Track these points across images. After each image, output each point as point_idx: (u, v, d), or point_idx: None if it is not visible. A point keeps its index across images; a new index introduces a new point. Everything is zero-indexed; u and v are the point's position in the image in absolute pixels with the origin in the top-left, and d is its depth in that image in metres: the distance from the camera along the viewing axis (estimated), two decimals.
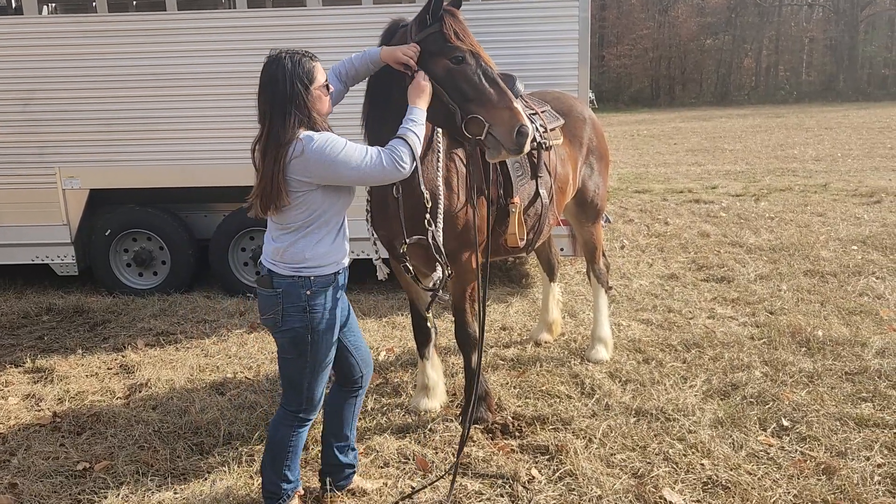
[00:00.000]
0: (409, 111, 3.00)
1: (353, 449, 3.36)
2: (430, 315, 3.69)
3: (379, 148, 2.85)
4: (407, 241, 3.38)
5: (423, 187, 3.35)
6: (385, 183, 3.02)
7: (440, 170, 3.52)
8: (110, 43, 6.11)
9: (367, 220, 3.66)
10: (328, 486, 3.32)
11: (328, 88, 2.89)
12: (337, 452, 3.30)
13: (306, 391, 3.02)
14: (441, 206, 3.48)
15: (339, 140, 2.77)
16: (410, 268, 3.44)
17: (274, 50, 2.82)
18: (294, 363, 2.98)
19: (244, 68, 6.05)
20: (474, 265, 3.77)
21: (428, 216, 3.41)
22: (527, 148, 3.05)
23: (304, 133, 2.75)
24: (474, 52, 3.10)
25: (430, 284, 3.42)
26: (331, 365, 3.09)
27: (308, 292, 2.88)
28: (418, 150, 2.93)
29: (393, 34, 3.26)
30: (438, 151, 3.51)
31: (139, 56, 6.11)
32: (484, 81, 3.07)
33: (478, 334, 3.99)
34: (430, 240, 3.41)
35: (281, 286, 2.88)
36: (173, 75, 6.14)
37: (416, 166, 2.99)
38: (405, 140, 2.89)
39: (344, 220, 3.01)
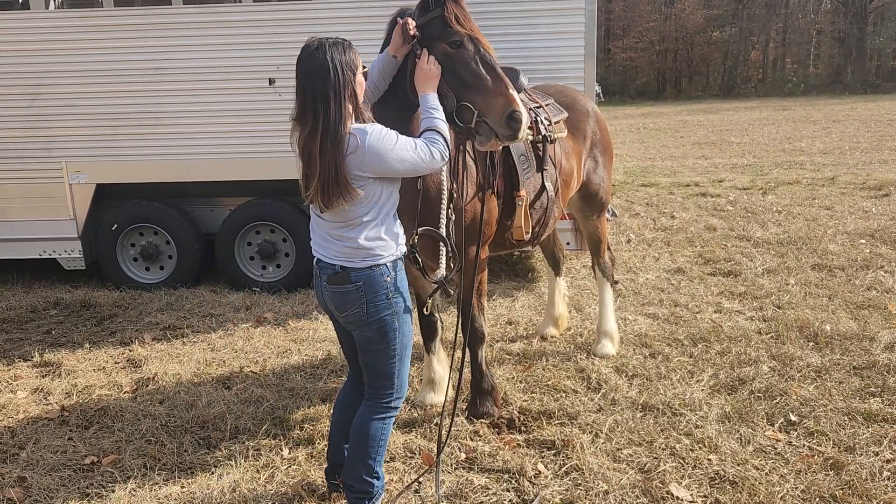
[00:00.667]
0: (422, 100, 2.98)
1: None
2: (430, 302, 3.64)
3: (423, 139, 2.84)
4: (417, 232, 3.35)
5: (446, 179, 3.34)
6: (429, 173, 2.97)
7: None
8: (116, 37, 6.11)
9: None
10: (334, 484, 3.31)
11: (365, 76, 2.87)
12: (346, 452, 3.26)
13: (397, 378, 3.00)
14: (445, 199, 3.46)
15: (390, 132, 2.75)
16: (420, 259, 3.41)
17: (312, 38, 2.77)
18: (383, 353, 2.94)
19: (251, 63, 6.07)
20: (482, 258, 3.77)
21: (447, 208, 3.40)
22: (521, 135, 3.02)
23: (354, 126, 2.71)
24: (473, 38, 3.08)
25: (437, 277, 3.41)
26: (411, 344, 3.07)
27: (387, 279, 2.87)
28: (448, 138, 2.92)
29: (397, 23, 3.25)
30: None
31: (145, 50, 6.11)
32: (481, 67, 3.05)
33: (485, 329, 4.00)
34: (446, 231, 3.39)
35: (360, 279, 2.84)
36: (180, 70, 6.14)
37: None
38: (438, 130, 2.88)
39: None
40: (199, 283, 6.80)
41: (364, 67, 2.85)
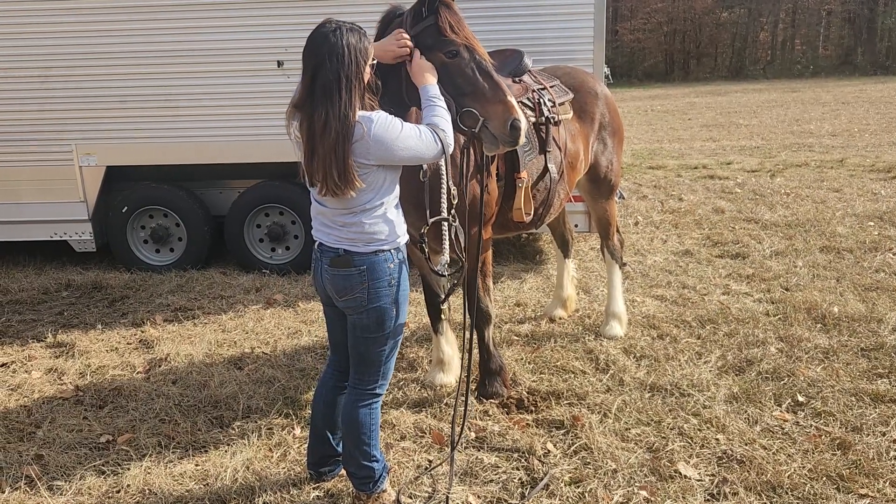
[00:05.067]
0: (423, 91, 2.94)
1: None
2: (446, 307, 3.63)
3: (427, 126, 2.81)
4: (429, 223, 3.33)
5: (450, 181, 3.30)
6: (434, 161, 2.95)
7: None
8: (126, 20, 6.09)
9: None
10: (320, 474, 3.33)
11: (372, 67, 2.83)
12: (335, 445, 3.25)
13: (384, 366, 3.00)
14: (445, 186, 3.38)
15: (395, 120, 2.72)
16: (426, 249, 3.40)
17: (329, 20, 2.73)
18: (377, 341, 2.93)
19: (260, 45, 6.06)
20: (484, 239, 3.77)
21: (450, 207, 3.33)
22: (521, 141, 3.03)
23: (360, 114, 2.68)
24: (469, 46, 3.06)
25: (438, 267, 3.35)
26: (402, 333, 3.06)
27: (391, 265, 2.86)
28: (451, 128, 2.90)
29: (389, 24, 3.21)
30: None
31: (155, 33, 6.10)
32: (478, 75, 3.04)
33: (492, 310, 4.02)
34: (446, 230, 3.35)
35: (364, 263, 2.83)
36: (189, 52, 6.13)
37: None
38: (442, 119, 2.85)
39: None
40: (208, 265, 6.84)
41: (374, 61, 2.82)
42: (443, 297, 3.92)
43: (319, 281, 2.99)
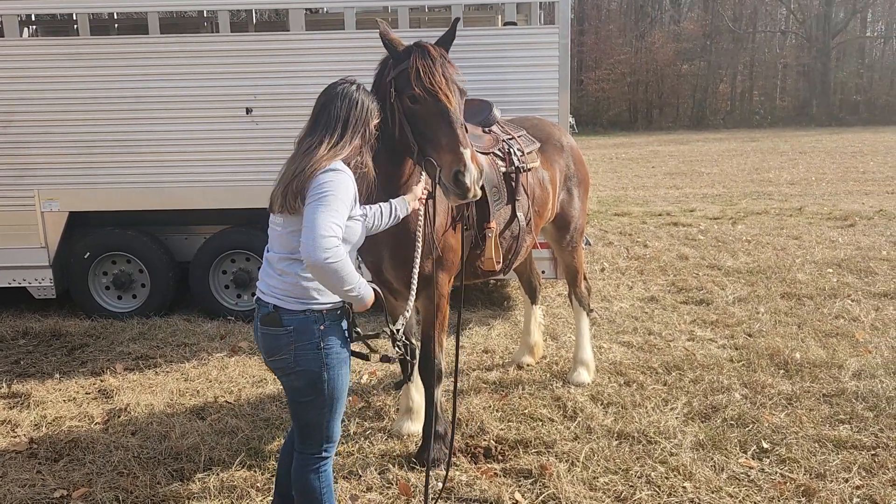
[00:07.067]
0: (398, 200, 3.21)
1: None
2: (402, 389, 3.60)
3: (343, 245, 2.61)
4: (409, 308, 3.32)
5: (418, 237, 3.36)
6: (304, 256, 2.57)
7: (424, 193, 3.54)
8: (92, 66, 6.08)
9: None
10: None
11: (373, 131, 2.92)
12: None
13: (326, 430, 2.86)
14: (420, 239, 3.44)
15: (346, 193, 2.65)
16: (393, 296, 3.38)
17: (351, 77, 2.90)
18: (312, 405, 2.79)
19: (226, 92, 6.09)
20: (447, 290, 3.74)
21: (417, 257, 3.36)
22: (470, 195, 3.02)
23: (333, 161, 2.69)
24: (433, 92, 3.06)
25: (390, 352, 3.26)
26: (345, 396, 2.92)
27: (321, 327, 2.73)
28: (383, 224, 3.05)
29: (385, 65, 3.31)
30: (422, 174, 3.52)
31: (121, 79, 6.09)
32: (438, 122, 3.05)
33: (443, 367, 3.89)
34: (413, 277, 3.37)
35: (292, 323, 2.71)
36: (154, 98, 6.12)
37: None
38: (393, 211, 3.13)
39: (355, 255, 2.91)
40: (172, 312, 6.72)
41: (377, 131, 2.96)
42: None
43: (256, 337, 2.90)
